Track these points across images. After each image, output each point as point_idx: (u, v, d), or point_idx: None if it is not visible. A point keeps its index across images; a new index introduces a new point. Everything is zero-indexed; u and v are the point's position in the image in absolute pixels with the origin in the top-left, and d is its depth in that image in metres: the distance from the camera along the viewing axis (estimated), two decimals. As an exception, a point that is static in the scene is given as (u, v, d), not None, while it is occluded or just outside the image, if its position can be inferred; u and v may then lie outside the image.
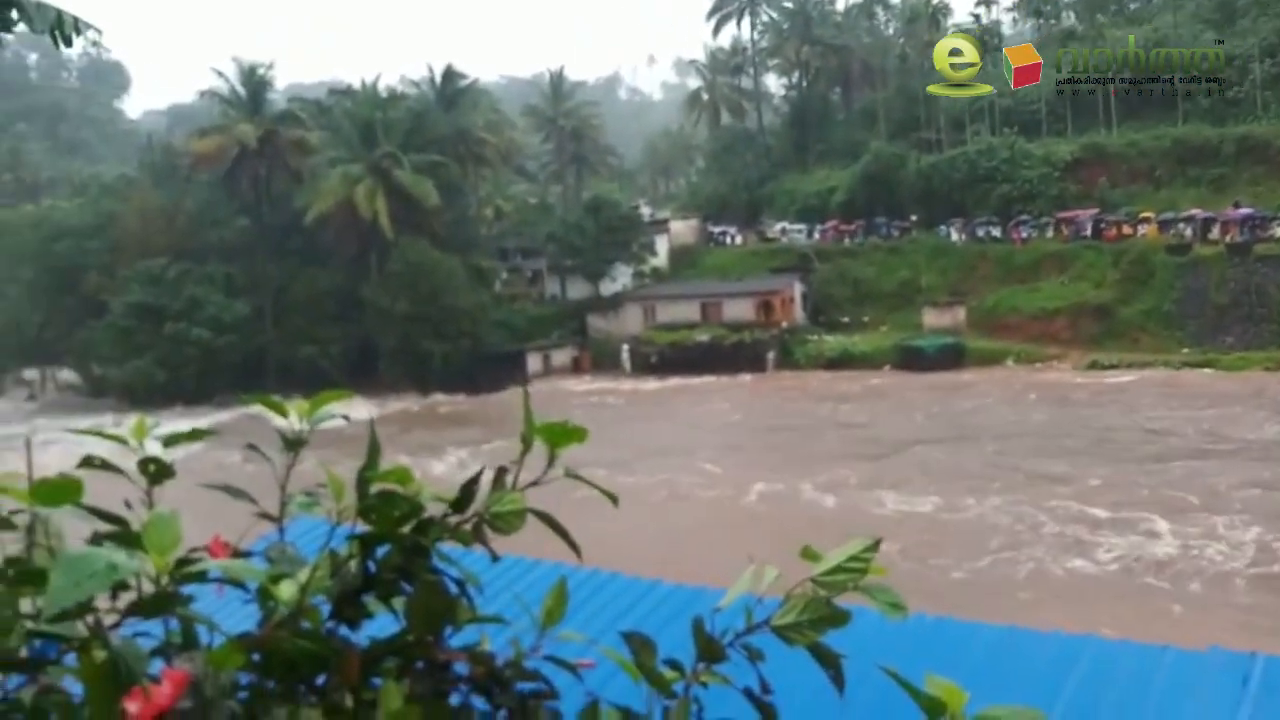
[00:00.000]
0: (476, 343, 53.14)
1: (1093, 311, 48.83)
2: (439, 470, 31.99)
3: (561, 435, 1.45)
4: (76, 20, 5.38)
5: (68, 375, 61.09)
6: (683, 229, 65.94)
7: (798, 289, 56.86)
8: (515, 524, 1.42)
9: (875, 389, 44.74)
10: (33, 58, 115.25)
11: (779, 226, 64.21)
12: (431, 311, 51.38)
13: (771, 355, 52.03)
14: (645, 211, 68.78)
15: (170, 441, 1.92)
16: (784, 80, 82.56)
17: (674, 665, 1.54)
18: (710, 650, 1.48)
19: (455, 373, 51.75)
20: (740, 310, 54.62)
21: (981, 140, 60.10)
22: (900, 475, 29.18)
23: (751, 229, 66.00)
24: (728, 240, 65.83)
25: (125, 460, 1.90)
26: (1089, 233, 52.51)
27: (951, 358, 48.29)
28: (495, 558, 1.49)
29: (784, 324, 53.95)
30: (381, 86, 62.85)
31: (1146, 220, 50.94)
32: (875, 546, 1.46)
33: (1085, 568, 21.20)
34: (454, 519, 1.44)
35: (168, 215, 57.15)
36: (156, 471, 1.88)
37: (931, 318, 52.46)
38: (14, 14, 5.09)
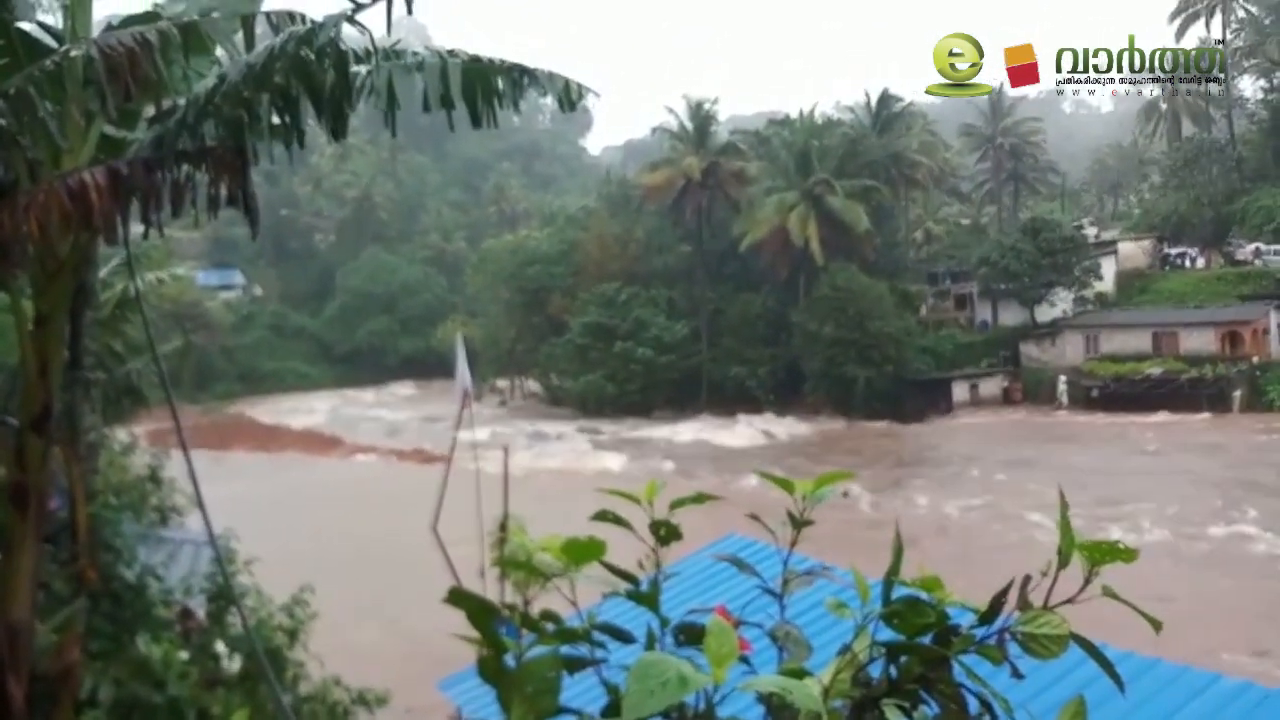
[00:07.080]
0: (900, 368, 52.25)
1: None
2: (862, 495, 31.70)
3: (1106, 553, 1.32)
4: (580, 86, 6.13)
5: (532, 385, 68.74)
6: (1133, 251, 60.40)
7: (1275, 319, 49.85)
8: (1053, 650, 1.31)
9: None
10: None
11: (1251, 248, 56.58)
12: (856, 336, 51.27)
13: (1239, 394, 46.27)
14: (1090, 232, 63.83)
15: (677, 504, 2.06)
16: (1261, 83, 72.24)
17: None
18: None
19: (878, 397, 51.28)
20: (1200, 341, 49.13)
21: None
22: None
23: (1216, 250, 58.98)
24: (1186, 263, 59.61)
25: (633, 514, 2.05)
26: None
27: None
28: (1019, 676, 1.39)
29: (1255, 359, 47.62)
30: (818, 113, 64.11)
31: None
32: None
33: None
34: (980, 631, 1.37)
35: (621, 243, 62.58)
36: (666, 534, 2.02)
37: None
38: (525, 80, 5.90)
